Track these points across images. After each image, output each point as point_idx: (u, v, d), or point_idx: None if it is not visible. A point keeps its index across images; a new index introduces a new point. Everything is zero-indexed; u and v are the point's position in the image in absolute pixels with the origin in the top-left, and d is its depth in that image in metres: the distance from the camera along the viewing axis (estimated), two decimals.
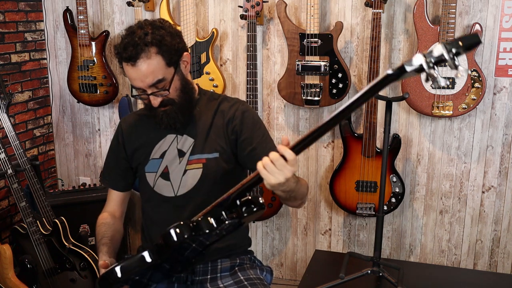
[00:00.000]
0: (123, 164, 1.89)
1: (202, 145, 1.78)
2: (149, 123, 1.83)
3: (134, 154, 1.86)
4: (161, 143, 1.82)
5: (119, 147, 1.89)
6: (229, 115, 1.79)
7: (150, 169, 1.81)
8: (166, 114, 1.72)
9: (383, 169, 2.49)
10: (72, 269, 2.69)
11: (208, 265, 1.80)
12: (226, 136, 1.78)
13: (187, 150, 1.78)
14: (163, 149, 1.81)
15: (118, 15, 3.22)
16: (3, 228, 3.13)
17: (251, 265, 1.86)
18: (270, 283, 1.88)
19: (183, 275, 1.78)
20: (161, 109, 1.72)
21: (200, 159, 1.77)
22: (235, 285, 1.75)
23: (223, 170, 1.77)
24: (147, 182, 1.82)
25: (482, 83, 2.62)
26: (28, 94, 3.30)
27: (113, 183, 1.91)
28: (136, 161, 1.86)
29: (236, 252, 1.86)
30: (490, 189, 2.88)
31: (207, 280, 1.78)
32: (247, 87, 2.82)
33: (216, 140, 1.79)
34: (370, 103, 2.69)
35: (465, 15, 2.71)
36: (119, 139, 1.89)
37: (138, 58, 1.61)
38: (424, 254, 3.05)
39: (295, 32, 2.78)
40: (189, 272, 1.79)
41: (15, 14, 3.16)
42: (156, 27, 1.65)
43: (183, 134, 1.80)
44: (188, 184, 1.77)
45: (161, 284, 1.77)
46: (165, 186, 1.79)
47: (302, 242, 3.22)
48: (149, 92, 1.67)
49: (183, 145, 1.79)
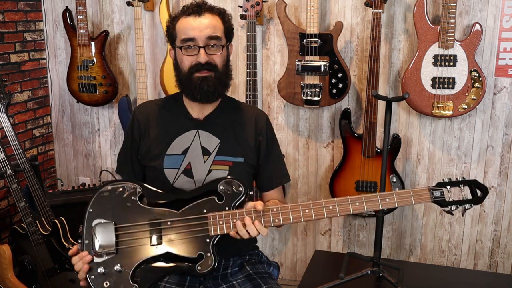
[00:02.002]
0: (136, 156, 1.87)
1: (229, 147, 1.80)
2: (166, 116, 1.83)
3: (147, 146, 1.83)
4: (181, 139, 1.80)
5: (133, 137, 1.86)
6: (258, 124, 1.86)
7: (171, 165, 1.79)
8: (206, 80, 1.74)
9: (383, 169, 2.48)
10: (72, 269, 2.69)
11: (221, 262, 1.81)
12: (253, 144, 1.83)
13: (213, 150, 1.79)
14: (184, 145, 1.80)
15: (118, 15, 3.22)
16: (3, 228, 3.13)
17: (258, 260, 1.89)
18: (277, 278, 1.90)
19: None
20: (203, 74, 1.73)
21: (227, 161, 1.79)
22: (245, 279, 1.78)
23: (246, 174, 1.83)
24: (165, 178, 1.79)
25: (482, 83, 2.62)
26: (27, 94, 3.30)
27: (131, 176, 1.88)
28: (148, 154, 1.83)
29: (246, 249, 1.89)
30: (490, 189, 2.87)
31: (219, 277, 1.80)
32: (247, 87, 2.81)
33: (242, 145, 1.82)
34: (370, 103, 2.69)
35: (465, 15, 2.71)
36: (134, 131, 1.86)
37: (204, 12, 1.74)
38: (424, 254, 3.04)
39: (295, 32, 2.77)
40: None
41: (15, 14, 3.15)
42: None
43: (204, 131, 1.81)
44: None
45: (173, 276, 1.77)
46: (187, 183, 1.78)
47: (302, 242, 3.22)
48: (201, 45, 1.71)
49: (209, 144, 1.80)
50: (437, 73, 2.64)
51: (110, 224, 1.64)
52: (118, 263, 1.62)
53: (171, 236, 1.64)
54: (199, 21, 1.72)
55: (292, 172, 3.11)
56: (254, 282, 1.75)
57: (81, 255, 1.63)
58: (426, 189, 1.60)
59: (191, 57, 1.73)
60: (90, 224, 1.65)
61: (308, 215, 1.61)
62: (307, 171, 3.11)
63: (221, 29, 1.76)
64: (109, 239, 1.63)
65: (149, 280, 1.64)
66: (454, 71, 2.62)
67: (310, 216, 1.62)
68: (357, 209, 1.61)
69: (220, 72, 1.76)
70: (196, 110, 1.83)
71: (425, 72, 2.65)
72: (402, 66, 2.85)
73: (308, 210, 1.61)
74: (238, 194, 1.66)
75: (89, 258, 1.61)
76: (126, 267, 1.62)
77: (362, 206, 1.60)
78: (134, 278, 1.62)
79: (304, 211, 1.61)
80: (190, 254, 1.63)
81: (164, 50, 3.15)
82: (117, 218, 1.66)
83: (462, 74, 2.62)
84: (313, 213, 1.61)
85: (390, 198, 1.60)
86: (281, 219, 1.63)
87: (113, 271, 1.62)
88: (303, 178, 3.12)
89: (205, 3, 1.77)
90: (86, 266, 1.60)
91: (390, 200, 1.60)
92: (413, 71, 2.67)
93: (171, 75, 2.97)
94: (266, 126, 1.88)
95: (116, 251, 1.62)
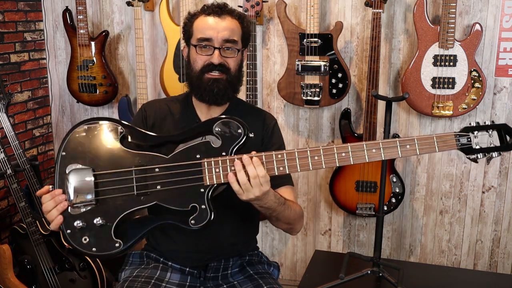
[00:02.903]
0: None
1: None
2: (174, 116, 1.80)
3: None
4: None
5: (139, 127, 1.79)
6: (265, 127, 1.82)
7: None
8: (217, 82, 1.70)
9: (383, 169, 2.48)
10: (72, 269, 2.69)
11: (221, 263, 1.80)
12: (259, 147, 1.78)
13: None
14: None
15: (118, 15, 3.22)
16: (3, 228, 3.13)
17: (258, 260, 1.89)
18: (277, 278, 1.90)
19: (196, 272, 1.78)
20: (214, 76, 1.70)
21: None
22: (246, 279, 1.77)
23: None
24: None
25: (482, 83, 2.62)
26: (27, 94, 3.30)
27: None
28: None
29: (246, 250, 1.88)
30: (490, 189, 2.87)
31: (219, 277, 1.79)
32: (247, 87, 2.81)
33: (249, 149, 1.77)
34: (370, 103, 2.69)
35: (465, 15, 2.71)
36: (142, 123, 1.80)
37: (224, 14, 1.71)
38: (424, 254, 3.04)
39: (295, 32, 2.77)
40: (202, 269, 1.79)
41: (15, 14, 3.15)
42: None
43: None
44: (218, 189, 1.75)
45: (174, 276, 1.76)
46: None
47: (302, 242, 3.22)
48: (217, 46, 1.69)
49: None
50: (437, 73, 2.64)
51: (88, 170, 1.43)
52: (98, 216, 1.42)
53: (159, 186, 1.44)
54: (218, 22, 1.70)
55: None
56: (255, 282, 1.74)
57: (53, 193, 1.44)
58: (452, 135, 1.43)
59: (204, 57, 1.70)
60: (63, 170, 1.43)
61: (317, 162, 1.44)
62: (307, 171, 3.11)
63: (239, 34, 1.74)
64: (87, 188, 1.42)
65: (135, 235, 1.45)
66: (454, 71, 2.62)
67: (320, 164, 1.44)
68: (373, 156, 1.43)
69: (232, 76, 1.73)
70: (204, 112, 1.80)
71: (425, 72, 2.65)
72: (402, 66, 2.85)
73: (318, 157, 1.44)
74: (238, 137, 1.47)
75: (64, 204, 1.43)
76: (108, 220, 1.42)
77: (379, 153, 1.43)
78: (117, 233, 1.43)
79: (313, 158, 1.44)
80: (181, 207, 1.45)
81: (164, 50, 3.14)
82: (95, 163, 1.44)
83: (462, 74, 2.62)
84: (323, 160, 1.44)
85: (411, 145, 1.43)
86: (286, 166, 1.44)
87: (93, 225, 1.42)
88: (303, 178, 3.12)
89: (226, 5, 1.76)
90: (60, 217, 1.42)
91: (410, 147, 1.43)
92: (413, 71, 2.67)
93: (171, 75, 3.00)
94: (273, 130, 1.84)
95: (95, 202, 1.43)
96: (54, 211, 1.43)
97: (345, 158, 1.44)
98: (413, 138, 1.43)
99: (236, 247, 1.82)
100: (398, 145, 1.43)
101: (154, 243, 1.84)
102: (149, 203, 1.44)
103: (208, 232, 1.77)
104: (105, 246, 1.43)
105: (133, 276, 1.73)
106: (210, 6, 1.74)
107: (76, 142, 1.46)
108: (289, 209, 1.63)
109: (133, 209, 1.44)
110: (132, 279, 1.71)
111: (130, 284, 1.68)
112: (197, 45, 1.71)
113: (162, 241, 1.82)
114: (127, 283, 1.69)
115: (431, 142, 1.43)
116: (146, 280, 1.71)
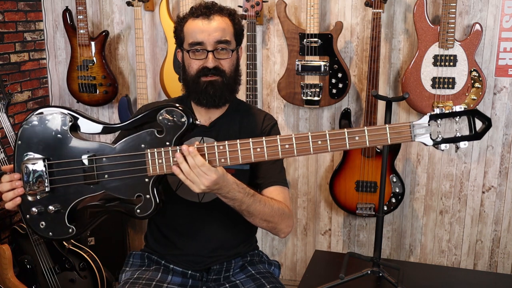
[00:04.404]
0: None
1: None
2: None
3: None
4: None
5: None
6: (263, 127, 1.79)
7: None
8: (212, 85, 1.68)
9: (383, 169, 2.48)
10: (72, 269, 2.69)
11: (223, 265, 1.80)
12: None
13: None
14: None
15: (118, 15, 3.22)
16: (3, 228, 3.13)
17: (259, 260, 1.88)
18: (278, 277, 1.89)
19: (198, 275, 1.78)
20: (209, 79, 1.68)
21: (228, 169, 1.68)
22: (248, 279, 1.76)
23: (251, 183, 1.73)
24: (168, 184, 1.74)
25: (482, 83, 2.62)
26: (27, 94, 3.30)
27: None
28: None
29: (246, 250, 1.87)
30: (490, 189, 2.88)
31: (221, 278, 1.79)
32: (247, 87, 2.81)
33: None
34: (370, 103, 2.69)
35: (465, 15, 2.71)
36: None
37: (213, 14, 1.68)
38: (424, 254, 3.04)
39: (295, 32, 2.77)
40: (205, 271, 1.79)
41: (15, 14, 3.15)
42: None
43: (209, 137, 1.74)
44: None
45: (175, 279, 1.76)
46: (190, 191, 1.68)
47: (302, 242, 3.22)
48: (210, 49, 1.66)
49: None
50: (437, 73, 2.64)
51: (40, 160, 1.49)
52: (53, 203, 1.50)
53: (106, 175, 1.48)
54: (207, 24, 1.67)
55: (292, 172, 3.11)
56: (257, 282, 1.74)
57: (12, 176, 1.52)
58: (408, 125, 1.35)
59: (199, 61, 1.68)
60: (20, 158, 1.51)
61: (260, 155, 1.42)
62: (307, 171, 3.11)
63: (231, 32, 1.71)
64: (40, 177, 1.49)
65: (87, 222, 1.52)
66: (454, 71, 2.62)
67: (262, 156, 1.42)
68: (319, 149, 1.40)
69: (228, 77, 1.71)
70: (203, 114, 1.78)
71: (425, 72, 2.65)
72: (402, 66, 2.85)
73: (261, 149, 1.42)
74: (181, 126, 1.45)
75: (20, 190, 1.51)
76: (62, 207, 1.50)
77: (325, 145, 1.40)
78: (71, 219, 1.51)
79: (256, 150, 1.43)
80: (128, 196, 1.48)
81: (164, 50, 3.14)
82: (48, 152, 1.51)
83: (462, 74, 2.62)
84: (266, 152, 1.42)
85: (361, 136, 1.36)
86: (228, 158, 1.44)
87: (48, 211, 1.51)
88: (303, 178, 3.12)
89: (215, 5, 1.72)
90: (17, 199, 1.51)
91: (360, 139, 1.37)
92: (413, 71, 2.67)
93: (171, 75, 3.00)
94: (270, 130, 1.81)
95: (49, 190, 1.50)
96: (10, 193, 1.51)
97: (289, 150, 1.42)
98: (363, 129, 1.37)
99: (238, 249, 1.82)
100: (346, 137, 1.38)
101: (155, 246, 1.83)
102: (98, 192, 1.50)
103: (209, 236, 1.77)
104: (59, 231, 1.52)
105: (134, 278, 1.73)
106: (198, 8, 1.70)
107: (30, 132, 1.52)
108: (261, 203, 1.59)
109: (84, 197, 1.50)
110: (133, 281, 1.70)
111: (130, 286, 1.67)
112: (190, 50, 1.69)
113: (164, 245, 1.81)
114: (127, 285, 1.68)
115: (383, 134, 1.35)
116: (147, 282, 1.70)
